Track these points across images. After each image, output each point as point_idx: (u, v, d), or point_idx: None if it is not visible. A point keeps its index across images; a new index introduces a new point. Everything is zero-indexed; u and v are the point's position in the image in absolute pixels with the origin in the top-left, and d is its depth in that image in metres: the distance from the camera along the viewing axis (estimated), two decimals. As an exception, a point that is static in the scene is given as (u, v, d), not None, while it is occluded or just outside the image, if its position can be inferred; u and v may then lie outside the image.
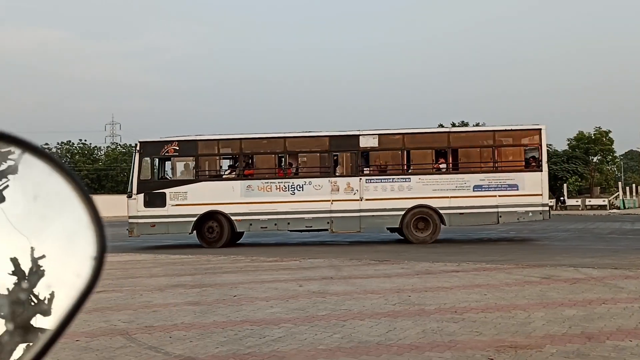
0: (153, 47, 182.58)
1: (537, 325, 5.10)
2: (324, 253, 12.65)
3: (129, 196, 15.17)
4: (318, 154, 15.85)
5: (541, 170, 14.71)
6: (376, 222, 15.08)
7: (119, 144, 66.92)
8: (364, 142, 15.26)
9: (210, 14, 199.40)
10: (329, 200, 14.96)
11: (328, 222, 15.02)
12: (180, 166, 16.06)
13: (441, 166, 15.27)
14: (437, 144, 15.50)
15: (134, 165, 15.40)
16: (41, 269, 0.54)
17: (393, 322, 5.41)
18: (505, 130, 15.53)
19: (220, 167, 16.31)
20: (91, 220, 0.56)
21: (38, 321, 0.55)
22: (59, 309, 0.54)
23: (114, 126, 73.31)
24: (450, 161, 15.26)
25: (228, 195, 15.16)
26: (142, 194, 15.12)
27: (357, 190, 14.98)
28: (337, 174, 15.33)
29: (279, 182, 15.20)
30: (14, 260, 0.55)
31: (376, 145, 15.35)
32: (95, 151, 73.40)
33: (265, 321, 5.53)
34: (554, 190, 46.79)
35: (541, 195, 14.57)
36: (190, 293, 7.27)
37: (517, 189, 14.60)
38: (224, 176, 15.97)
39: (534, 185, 14.60)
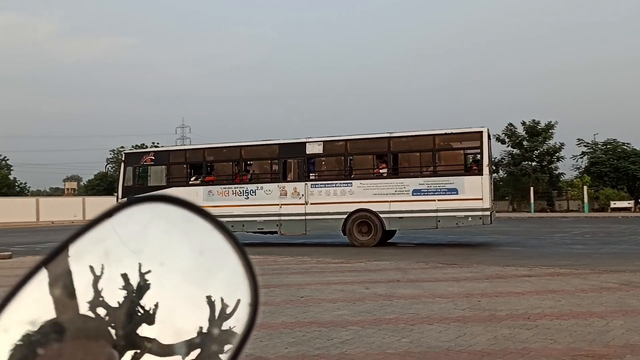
0: (220, 54, 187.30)
1: (616, 334, 4.87)
2: (390, 255, 12.57)
3: (117, 200, 16.53)
4: (269, 161, 16.85)
5: (482, 174, 14.29)
6: (321, 225, 15.62)
7: (190, 147, 68.93)
8: (310, 149, 15.90)
9: (274, 19, 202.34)
10: (278, 204, 15.75)
11: (277, 225, 15.87)
12: (155, 174, 17.39)
13: (382, 171, 15.38)
14: (378, 149, 15.73)
15: (120, 173, 17.53)
16: (209, 316, 0.62)
17: (463, 327, 5.32)
18: (446, 134, 15.14)
19: (188, 174, 17.34)
20: (246, 271, 0.64)
21: None
22: (226, 348, 0.62)
23: (184, 129, 75.68)
24: (391, 165, 15.40)
25: (193, 200, 15.43)
26: (126, 199, 16.01)
27: (303, 194, 15.60)
28: (286, 180, 16.03)
29: (234, 187, 16.32)
30: (189, 308, 0.63)
31: (321, 151, 15.98)
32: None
33: (333, 323, 5.56)
34: (632, 190, 44.36)
35: (481, 199, 14.14)
36: (259, 293, 7.40)
37: (457, 193, 14.33)
38: (190, 182, 17.02)
39: (474, 190, 14.22)
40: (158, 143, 71.73)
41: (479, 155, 14.74)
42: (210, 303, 0.62)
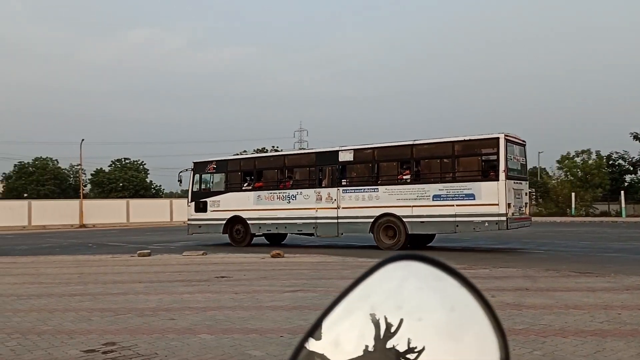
0: (337, 56, 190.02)
1: None
2: (515, 262, 12.03)
3: (188, 204, 19.61)
4: (307, 169, 18.03)
5: (498, 180, 14.34)
6: (351, 227, 16.59)
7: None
8: (342, 157, 16.97)
9: (390, 21, 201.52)
10: (315, 208, 16.97)
11: (314, 227, 17.14)
12: (216, 180, 19.62)
13: (405, 177, 15.90)
14: (402, 156, 16.36)
15: (190, 180, 19.60)
16: None
17: (601, 342, 4.94)
18: (464, 140, 15.37)
19: (242, 180, 19.00)
20: (495, 328, 0.66)
21: None
22: None
23: (301, 133, 77.68)
24: (414, 172, 15.92)
25: (245, 204, 18.27)
26: (194, 202, 19.35)
27: (335, 199, 16.67)
28: (321, 185, 17.16)
29: (279, 193, 17.81)
30: None
31: (352, 159, 16.92)
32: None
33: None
34: None
35: (497, 204, 14.25)
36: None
37: (474, 199, 14.56)
38: (243, 188, 18.71)
39: (490, 195, 14.39)
40: (278, 146, 74.40)
41: (495, 161, 14.68)
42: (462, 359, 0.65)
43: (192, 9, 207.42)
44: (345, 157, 16.94)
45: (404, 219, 15.44)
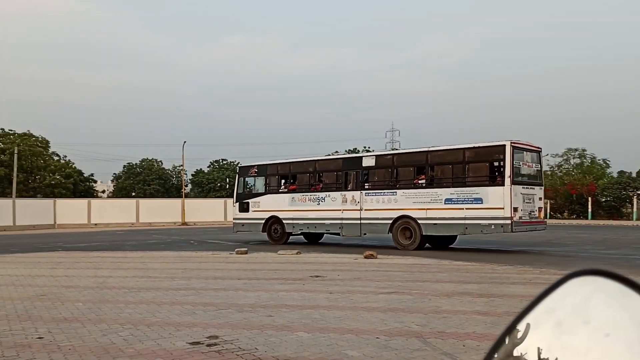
0: (430, 54, 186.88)
1: None
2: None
3: (233, 204, 21.72)
4: (335, 173, 19.27)
5: (504, 185, 14.94)
6: (372, 228, 17.67)
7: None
8: (365, 162, 18.30)
9: (486, 15, 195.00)
10: (341, 210, 18.16)
11: (340, 227, 18.38)
12: (257, 183, 21.21)
13: (420, 181, 16.82)
14: (418, 162, 17.28)
15: (235, 182, 21.80)
16: None
17: None
18: (473, 147, 16.25)
19: (279, 183, 20.65)
20: None
21: None
22: None
23: (393, 133, 77.10)
24: (428, 176, 16.81)
25: (282, 205, 19.79)
26: (238, 203, 21.17)
27: (358, 201, 17.78)
28: (347, 189, 18.27)
29: (310, 195, 19.17)
30: None
31: (373, 164, 18.14)
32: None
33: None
34: None
35: (503, 208, 14.86)
36: (478, 302, 7.19)
37: (482, 203, 15.25)
38: (279, 190, 20.38)
39: (497, 199, 15.02)
40: (369, 147, 74.28)
41: (502, 167, 15.37)
42: None
43: (287, 13, 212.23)
44: (368, 162, 18.32)
45: (419, 221, 16.40)
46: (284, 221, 19.64)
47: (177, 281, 9.49)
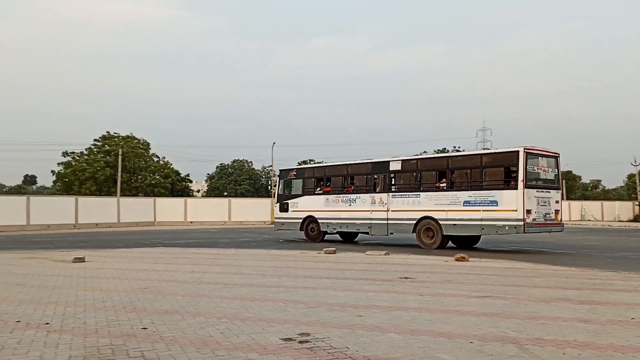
0: (525, 50, 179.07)
1: None
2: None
3: (274, 205, 23.58)
4: (365, 176, 20.31)
5: (517, 189, 15.73)
6: (398, 228, 18.69)
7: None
8: (392, 166, 19.25)
9: (584, 11, 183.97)
10: (370, 211, 19.38)
11: (369, 227, 19.52)
12: (296, 185, 22.70)
13: (441, 185, 17.79)
14: (439, 167, 18.36)
15: (276, 184, 23.71)
16: None
17: None
18: (489, 153, 17.97)
19: (315, 185, 22.06)
20: None
21: None
22: None
23: (484, 132, 74.80)
24: (448, 180, 17.68)
25: (317, 205, 21.33)
26: (279, 203, 22.85)
27: (386, 203, 18.95)
28: (375, 191, 19.45)
29: (342, 197, 20.51)
30: None
31: (400, 168, 19.14)
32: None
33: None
34: None
35: (516, 210, 15.68)
36: (579, 309, 6.80)
37: (497, 205, 16.14)
38: (315, 192, 21.78)
39: (511, 202, 15.86)
40: (459, 147, 72.58)
41: (515, 172, 16.10)
42: None
43: (373, 13, 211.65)
44: (395, 166, 19.29)
45: (440, 222, 17.41)
46: (319, 221, 21.21)
47: (268, 279, 9.73)
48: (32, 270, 11.17)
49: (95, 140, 57.55)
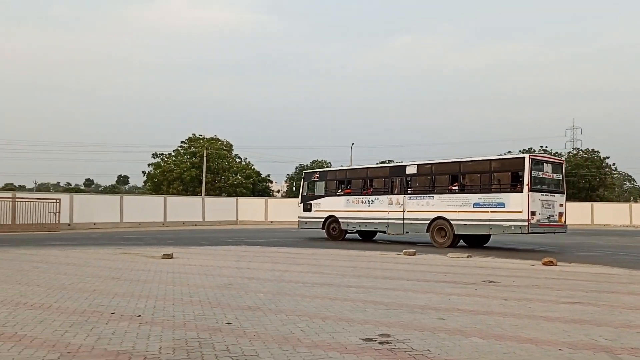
0: (617, 46, 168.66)
1: None
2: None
3: (298, 205, 24.80)
4: (383, 179, 21.69)
5: (522, 192, 16.79)
6: (413, 227, 19.88)
7: (581, 149, 64.54)
8: (409, 170, 20.57)
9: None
10: (387, 211, 20.60)
11: (386, 226, 20.72)
12: (319, 187, 24.06)
13: (453, 187, 18.91)
14: (452, 171, 19.36)
15: (301, 186, 25.03)
16: None
17: None
18: (498, 159, 18.96)
19: (336, 187, 23.41)
20: None
21: None
22: None
23: (574, 131, 71.31)
24: (460, 183, 18.88)
25: (338, 206, 22.59)
26: (302, 204, 24.23)
27: (402, 204, 20.19)
28: (392, 193, 20.73)
29: (362, 198, 21.78)
30: None
31: (415, 172, 20.37)
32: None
33: None
34: None
35: (522, 212, 16.73)
36: (682, 319, 6.33)
37: (504, 207, 17.20)
38: (337, 193, 23.14)
39: (516, 204, 16.93)
40: (546, 147, 69.54)
41: (521, 177, 17.21)
42: None
43: (453, 11, 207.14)
44: (411, 170, 20.59)
45: (452, 222, 18.49)
46: (340, 220, 22.42)
47: (347, 279, 9.76)
48: (125, 265, 11.83)
49: (182, 142, 60.15)
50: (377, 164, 34.87)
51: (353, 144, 57.78)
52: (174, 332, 5.43)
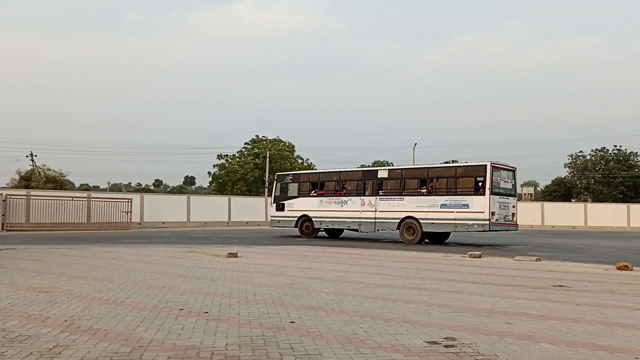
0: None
1: None
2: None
3: (271, 204, 26.86)
4: (355, 182, 23.73)
5: (485, 195, 19.46)
6: (384, 226, 21.99)
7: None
8: (380, 174, 22.91)
9: None
10: (359, 211, 22.64)
11: (358, 225, 22.83)
12: (292, 188, 25.77)
13: (422, 190, 21.16)
14: (421, 176, 21.79)
15: (274, 187, 26.84)
16: None
17: None
18: (463, 166, 21.78)
19: (310, 189, 25.13)
20: None
21: None
22: None
23: (653, 129, 67.66)
24: (428, 187, 21.11)
25: (312, 206, 24.38)
26: (275, 204, 25.96)
27: (374, 205, 22.22)
28: (365, 194, 22.80)
29: (335, 199, 23.75)
30: None
31: (387, 176, 22.71)
32: (632, 157, 69.66)
33: None
34: None
35: (484, 212, 19.39)
36: None
37: (468, 208, 19.77)
38: (310, 194, 24.84)
39: (479, 205, 19.55)
40: (621, 146, 66.57)
41: (483, 182, 19.70)
42: None
43: (519, 5, 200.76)
44: (382, 174, 23.00)
45: (421, 221, 20.78)
46: (313, 219, 24.14)
47: (410, 280, 9.66)
48: (192, 263, 12.19)
49: (245, 143, 61.40)
50: (357, 168, 37.26)
51: (416, 144, 57.25)
52: (240, 329, 5.54)
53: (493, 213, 19.34)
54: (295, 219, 24.83)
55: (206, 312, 6.40)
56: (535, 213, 45.45)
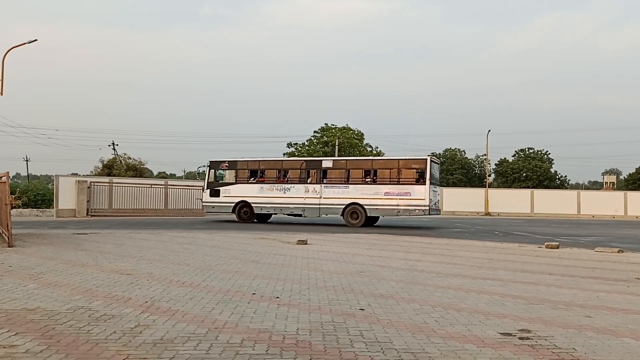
0: None
1: None
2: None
3: (203, 190, 26.69)
4: (299, 170, 25.42)
5: (425, 185, 22.24)
6: (328, 211, 23.97)
7: None
8: (324, 164, 25.17)
9: None
10: (304, 197, 24.11)
11: (302, 210, 24.29)
12: (228, 174, 26.51)
13: (367, 180, 23.72)
14: (365, 166, 24.82)
15: (207, 173, 26.90)
16: None
17: None
18: (404, 159, 24.39)
19: (248, 176, 25.86)
20: None
21: None
22: None
23: None
24: (372, 177, 23.69)
25: (251, 192, 25.08)
26: (209, 190, 26.05)
27: (318, 192, 23.94)
28: (309, 182, 24.36)
29: (277, 186, 24.73)
30: None
31: (331, 166, 24.99)
32: None
33: None
34: None
35: (424, 199, 22.15)
36: None
37: (411, 195, 22.47)
38: (249, 181, 25.63)
39: (420, 194, 22.33)
40: None
41: (423, 173, 22.51)
42: None
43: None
44: (327, 164, 25.10)
45: (365, 207, 22.98)
46: (252, 205, 24.89)
47: (483, 270, 9.44)
48: (263, 249, 12.46)
49: (314, 131, 61.74)
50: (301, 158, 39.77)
51: (489, 131, 55.63)
52: (310, 314, 5.62)
53: (431, 200, 22.22)
54: (232, 204, 25.30)
55: (277, 297, 6.54)
56: (617, 203, 43.17)
